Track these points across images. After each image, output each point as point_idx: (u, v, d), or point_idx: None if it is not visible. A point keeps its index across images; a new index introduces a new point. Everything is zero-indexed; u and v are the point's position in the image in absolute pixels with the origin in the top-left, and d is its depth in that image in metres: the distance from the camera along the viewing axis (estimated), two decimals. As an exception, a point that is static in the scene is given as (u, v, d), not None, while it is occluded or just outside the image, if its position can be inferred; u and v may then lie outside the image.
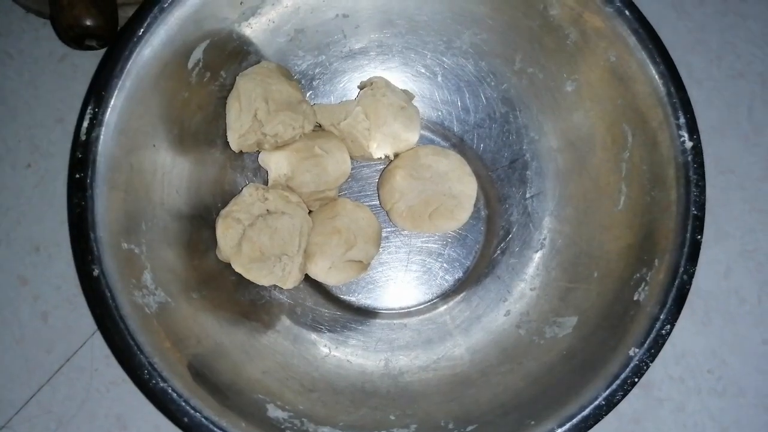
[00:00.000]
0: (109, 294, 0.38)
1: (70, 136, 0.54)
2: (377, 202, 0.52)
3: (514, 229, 0.51)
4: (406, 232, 0.52)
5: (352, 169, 0.50)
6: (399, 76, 0.52)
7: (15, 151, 0.54)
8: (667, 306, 0.39)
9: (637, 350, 0.38)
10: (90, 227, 0.38)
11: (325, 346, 0.48)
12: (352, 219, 0.49)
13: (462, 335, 0.49)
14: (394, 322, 0.50)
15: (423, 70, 0.52)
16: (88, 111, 0.39)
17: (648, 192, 0.42)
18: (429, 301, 0.51)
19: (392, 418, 0.43)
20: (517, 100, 0.50)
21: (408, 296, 0.51)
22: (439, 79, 0.52)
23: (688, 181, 0.40)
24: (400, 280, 0.52)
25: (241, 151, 0.46)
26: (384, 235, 0.51)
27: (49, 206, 0.53)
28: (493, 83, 0.51)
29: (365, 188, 0.53)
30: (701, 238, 0.39)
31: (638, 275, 0.41)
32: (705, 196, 0.40)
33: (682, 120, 0.40)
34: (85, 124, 0.39)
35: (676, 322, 0.38)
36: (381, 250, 0.51)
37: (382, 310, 0.51)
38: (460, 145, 0.53)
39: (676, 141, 0.40)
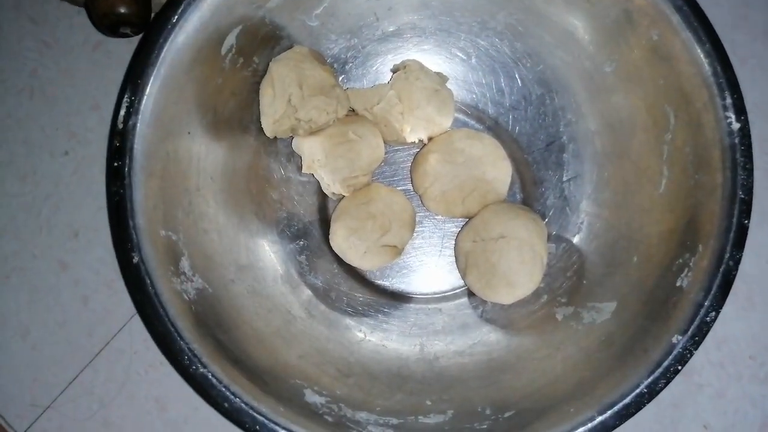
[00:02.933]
0: (148, 281, 0.38)
1: (106, 122, 0.54)
2: (410, 186, 0.52)
3: (550, 213, 0.50)
4: (439, 216, 0.52)
5: (385, 153, 0.50)
6: (433, 59, 0.51)
7: (53, 138, 0.54)
8: (712, 292, 0.38)
9: (680, 337, 0.38)
10: (129, 215, 0.39)
11: (360, 330, 0.48)
12: (387, 204, 0.48)
13: (497, 320, 0.48)
14: (429, 306, 0.50)
15: (457, 52, 0.51)
16: (125, 99, 0.40)
17: (691, 175, 0.41)
18: (463, 286, 0.51)
19: (428, 403, 0.43)
20: (554, 81, 0.49)
21: (442, 281, 0.51)
22: (474, 60, 0.51)
23: (735, 164, 0.39)
24: (434, 265, 0.51)
25: (275, 136, 0.46)
26: (417, 219, 0.51)
27: (86, 192, 0.54)
28: (528, 64, 0.50)
29: (398, 172, 0.52)
30: (748, 222, 0.38)
31: (681, 261, 0.40)
32: (753, 179, 0.38)
33: (729, 101, 0.39)
34: (122, 112, 0.40)
35: (721, 309, 0.38)
36: (414, 234, 0.51)
37: (416, 294, 0.51)
38: (495, 128, 0.52)
39: (722, 122, 0.39)
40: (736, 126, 0.39)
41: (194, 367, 0.38)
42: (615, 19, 0.43)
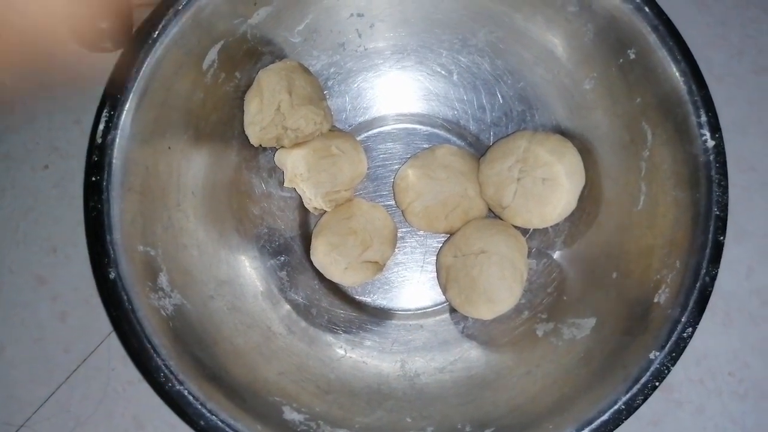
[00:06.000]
0: (125, 297, 0.38)
1: (87, 137, 0.54)
2: (392, 202, 0.52)
3: (530, 230, 0.50)
4: (421, 232, 0.52)
5: (367, 169, 0.50)
6: (414, 75, 0.52)
7: (33, 152, 0.54)
8: (689, 308, 0.38)
9: (657, 353, 0.38)
10: (106, 230, 0.38)
11: (341, 347, 0.48)
12: (368, 220, 0.48)
13: (478, 337, 0.48)
14: (410, 323, 0.50)
15: (439, 69, 0.51)
16: (104, 114, 0.40)
17: (669, 191, 0.41)
18: (445, 302, 0.51)
19: (409, 420, 0.42)
20: (534, 98, 0.50)
21: (424, 297, 0.51)
22: (455, 77, 0.51)
23: (710, 181, 0.39)
24: (416, 281, 0.51)
25: (260, 145, 0.46)
26: (399, 235, 0.51)
27: (66, 207, 0.53)
28: (509, 81, 0.50)
29: (380, 188, 0.52)
30: (724, 239, 0.38)
31: (658, 276, 0.40)
32: (728, 196, 0.39)
33: (703, 118, 0.39)
34: (101, 127, 0.39)
35: (698, 324, 0.38)
36: (396, 250, 0.51)
37: (397, 310, 0.51)
38: (476, 144, 0.52)
39: (697, 140, 0.40)
40: (711, 143, 0.39)
41: (170, 385, 0.37)
42: (593, 38, 0.44)
